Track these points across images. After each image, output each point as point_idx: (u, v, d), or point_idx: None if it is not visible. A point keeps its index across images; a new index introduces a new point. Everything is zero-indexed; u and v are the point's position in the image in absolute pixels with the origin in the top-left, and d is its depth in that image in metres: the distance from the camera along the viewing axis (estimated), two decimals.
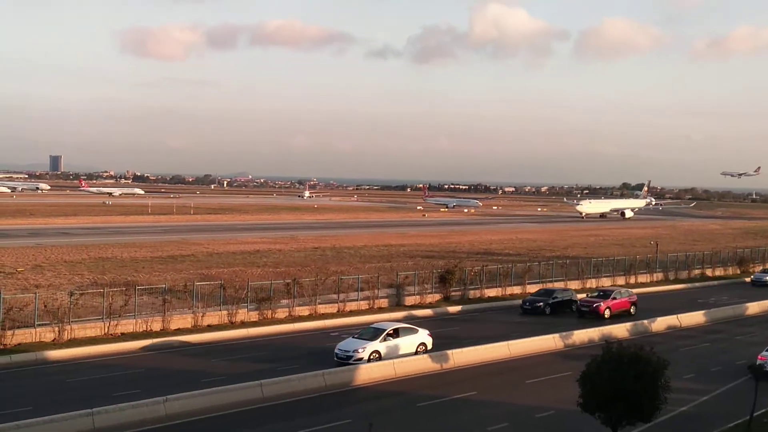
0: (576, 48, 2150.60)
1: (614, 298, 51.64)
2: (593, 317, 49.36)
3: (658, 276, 71.03)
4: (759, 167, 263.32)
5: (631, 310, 51.88)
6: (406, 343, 37.03)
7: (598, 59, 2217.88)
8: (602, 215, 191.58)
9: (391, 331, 37.06)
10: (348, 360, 34.90)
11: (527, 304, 52.62)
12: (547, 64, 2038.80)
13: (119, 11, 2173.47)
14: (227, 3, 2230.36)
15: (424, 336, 38.08)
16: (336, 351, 35.97)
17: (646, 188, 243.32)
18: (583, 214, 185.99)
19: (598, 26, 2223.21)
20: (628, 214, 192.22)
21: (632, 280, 67.92)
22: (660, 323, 46.74)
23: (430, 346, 37.71)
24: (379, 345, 35.96)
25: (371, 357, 35.20)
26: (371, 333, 37.10)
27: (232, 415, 27.84)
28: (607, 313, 50.23)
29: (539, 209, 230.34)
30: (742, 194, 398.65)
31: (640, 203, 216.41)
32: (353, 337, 37.13)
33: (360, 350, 35.45)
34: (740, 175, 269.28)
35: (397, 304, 52.23)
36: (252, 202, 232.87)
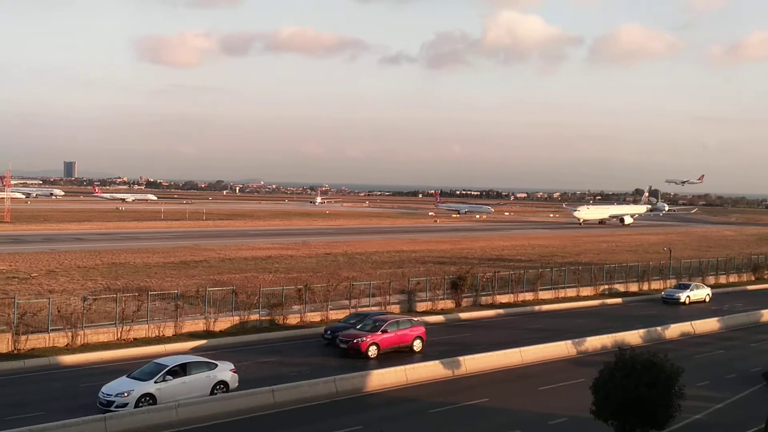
0: (590, 54, 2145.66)
1: (385, 331, 39.31)
2: (355, 356, 38.21)
3: (672, 282, 70.51)
4: (703, 175, 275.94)
5: (415, 346, 40.09)
6: (197, 383, 30.08)
7: (612, 65, 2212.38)
8: (601, 221, 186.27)
9: (176, 368, 30.14)
10: (109, 407, 28.04)
11: (329, 332, 42.23)
12: (561, 71, 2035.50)
13: (136, 19, 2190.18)
14: (243, 10, 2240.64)
15: (224, 372, 31.18)
16: (99, 394, 29.22)
17: (646, 194, 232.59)
18: (581, 220, 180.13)
19: (612, 32, 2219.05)
20: (627, 220, 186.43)
21: (645, 287, 67.62)
22: (673, 330, 46.46)
23: (233, 385, 31.03)
24: (152, 387, 29.01)
25: (141, 402, 28.34)
26: (150, 370, 30.20)
27: (243, 421, 27.86)
28: (372, 352, 38.65)
29: (551, 215, 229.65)
30: (756, 200, 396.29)
31: (640, 209, 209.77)
32: (127, 376, 30.23)
33: (125, 394, 28.52)
34: (683, 182, 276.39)
35: (408, 310, 52.12)
36: (264, 208, 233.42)
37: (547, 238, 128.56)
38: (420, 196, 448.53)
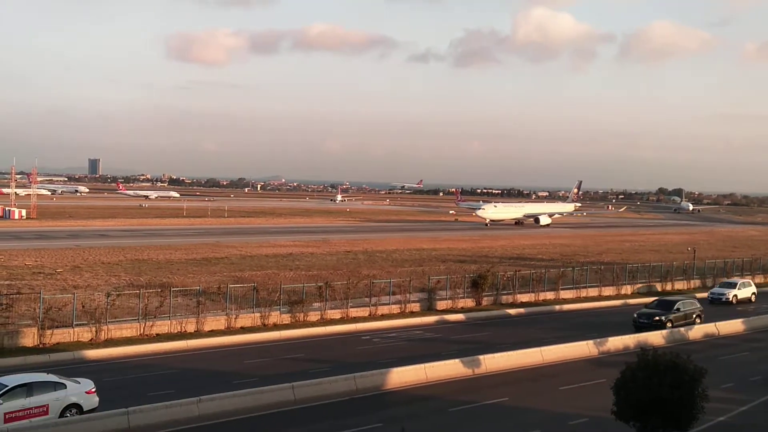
0: (621, 51, 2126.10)
1: None
2: None
3: (695, 283, 69.99)
4: (421, 180, 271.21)
5: None
6: (42, 405, 25.98)
7: (643, 63, 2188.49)
8: (517, 222, 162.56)
9: (18, 388, 25.98)
10: None
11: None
12: (590, 68, 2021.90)
13: (167, 17, 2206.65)
14: (273, 9, 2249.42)
15: (78, 393, 27.14)
16: None
17: (575, 189, 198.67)
18: (487, 220, 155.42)
19: (644, 29, 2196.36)
20: (544, 220, 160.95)
21: (668, 287, 67.09)
22: (697, 331, 46.03)
23: (88, 407, 27.02)
24: None
25: None
26: None
27: (264, 417, 27.99)
28: None
29: (574, 214, 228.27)
30: None
31: (567, 207, 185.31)
32: None
33: None
34: (402, 186, 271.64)
35: (428, 309, 52.13)
36: (285, 206, 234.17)
37: (569, 237, 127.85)
38: (441, 194, 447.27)
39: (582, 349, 40.10)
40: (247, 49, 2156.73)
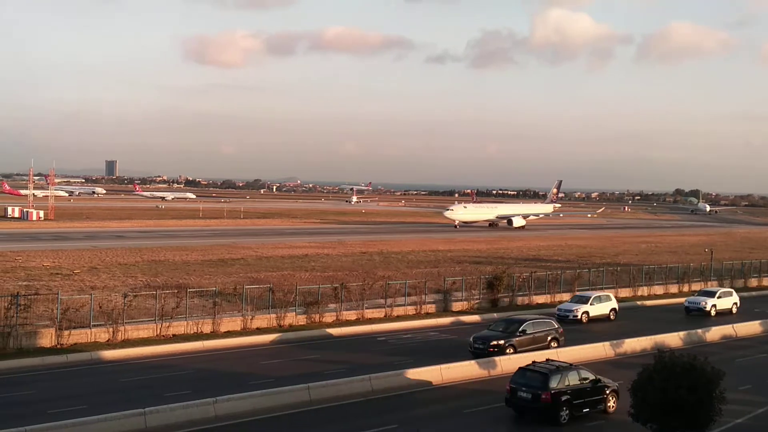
0: (639, 52, 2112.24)
1: None
2: None
3: (713, 284, 69.37)
4: (370, 182, 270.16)
5: None
6: None
7: (661, 64, 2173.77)
8: (491, 224, 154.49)
9: None
10: None
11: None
12: (608, 69, 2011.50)
13: (184, 20, 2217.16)
14: (291, 10, 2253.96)
15: None
16: None
17: (555, 189, 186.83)
18: (456, 222, 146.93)
19: (663, 30, 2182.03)
20: (517, 222, 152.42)
21: (686, 288, 66.68)
22: (714, 333, 45.70)
23: None
24: None
25: None
26: None
27: (279, 418, 28.06)
28: None
29: (589, 215, 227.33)
30: None
31: (545, 208, 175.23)
32: None
33: None
34: (352, 188, 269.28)
35: (444, 310, 52.08)
36: (300, 207, 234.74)
37: (585, 239, 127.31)
38: (456, 195, 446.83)
39: (598, 350, 39.91)
40: (264, 51, 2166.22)
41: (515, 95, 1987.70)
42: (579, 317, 49.47)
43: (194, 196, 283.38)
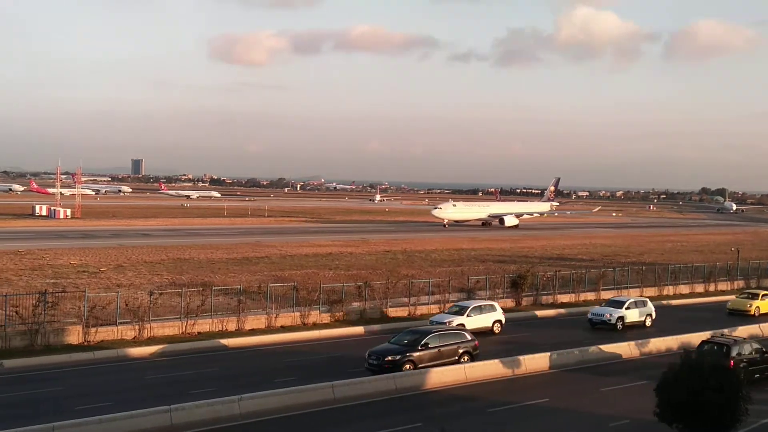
0: (665, 50, 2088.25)
1: None
2: None
3: (739, 284, 68.69)
4: (323, 180, 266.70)
5: None
6: None
7: (688, 61, 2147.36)
8: (484, 223, 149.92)
9: None
10: None
11: None
12: (633, 67, 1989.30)
13: (211, 19, 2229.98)
14: (316, 10, 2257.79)
15: None
16: None
17: (552, 187, 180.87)
18: (445, 221, 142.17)
19: (689, 28, 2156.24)
20: (509, 221, 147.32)
21: (711, 288, 66.03)
22: (740, 332, 45.07)
23: None
24: None
25: None
26: None
27: (303, 416, 28.18)
28: None
29: (614, 214, 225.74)
30: None
31: (541, 207, 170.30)
32: None
33: None
34: (295, 187, 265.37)
35: None
36: (324, 206, 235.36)
37: (610, 238, 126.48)
38: (480, 194, 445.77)
39: (623, 349, 39.67)
40: (290, 50, 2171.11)
41: (541, 93, 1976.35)
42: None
43: (219, 195, 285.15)
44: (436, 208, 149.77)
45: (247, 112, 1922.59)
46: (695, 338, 41.74)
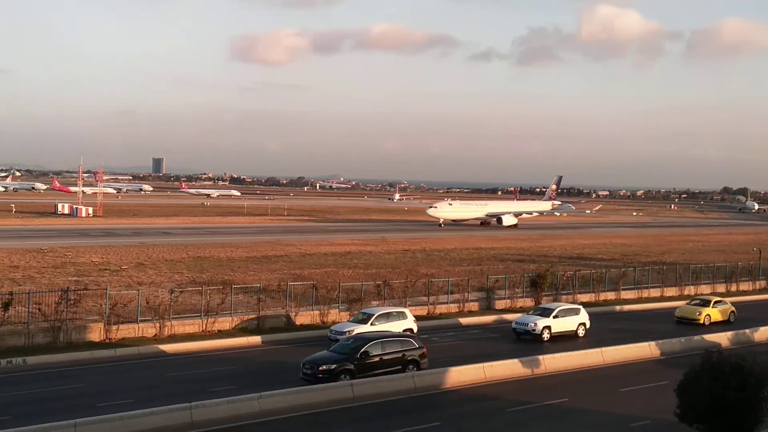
0: (688, 49, 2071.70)
1: None
2: None
3: (761, 284, 68.04)
4: (342, 178, 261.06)
5: None
6: None
7: (711, 60, 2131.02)
8: (483, 222, 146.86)
9: None
10: None
11: None
12: (656, 66, 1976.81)
13: (231, 19, 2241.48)
14: (336, 9, 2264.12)
15: None
16: None
17: (554, 186, 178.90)
18: (440, 220, 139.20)
19: (712, 26, 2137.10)
20: (507, 220, 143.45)
21: (733, 288, 65.45)
22: (763, 332, 44.73)
23: None
24: None
25: None
26: None
27: (323, 414, 28.25)
28: None
29: (634, 213, 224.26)
30: None
31: (542, 206, 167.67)
32: None
33: None
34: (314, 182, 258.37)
35: (487, 308, 51.91)
36: (343, 204, 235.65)
37: (630, 237, 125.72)
38: (499, 193, 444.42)
39: (644, 350, 39.42)
40: (310, 49, 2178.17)
41: (561, 93, 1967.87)
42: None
43: (239, 194, 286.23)
44: (431, 207, 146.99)
45: (266, 111, 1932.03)
46: (717, 338, 41.37)
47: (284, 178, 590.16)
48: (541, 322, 42.55)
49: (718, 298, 52.83)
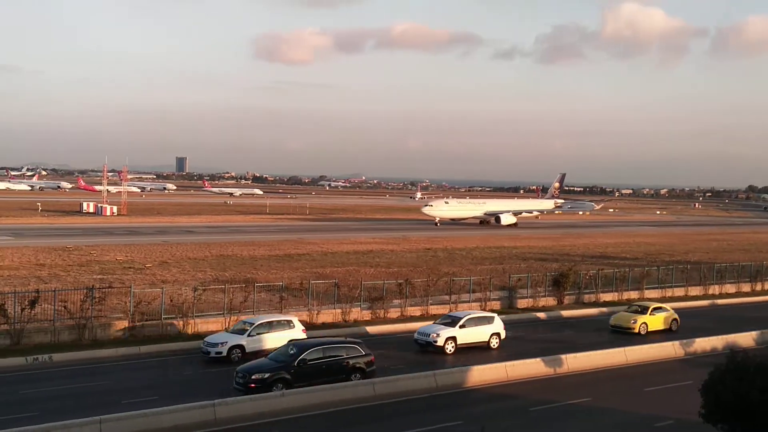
0: (713, 46, 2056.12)
1: None
2: None
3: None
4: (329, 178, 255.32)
5: None
6: None
7: (737, 57, 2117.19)
8: (482, 221, 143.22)
9: None
10: None
11: None
12: (681, 63, 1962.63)
13: (256, 19, 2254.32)
14: (359, 8, 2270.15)
15: None
16: None
17: (557, 183, 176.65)
18: (436, 219, 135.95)
19: (738, 23, 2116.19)
20: (506, 219, 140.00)
21: (758, 287, 64.76)
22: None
23: None
24: None
25: None
26: None
27: (345, 412, 28.36)
28: None
29: (658, 212, 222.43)
30: None
31: (544, 204, 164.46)
32: None
33: None
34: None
35: (509, 307, 51.74)
36: (365, 203, 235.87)
37: (654, 236, 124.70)
38: (521, 191, 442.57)
39: (667, 349, 39.15)
40: (332, 48, 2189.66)
41: (584, 90, 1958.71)
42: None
43: (261, 192, 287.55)
44: (426, 205, 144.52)
45: (289, 110, 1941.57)
46: (741, 338, 40.90)
47: (306, 176, 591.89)
48: (445, 333, 38.43)
49: (658, 305, 47.37)
